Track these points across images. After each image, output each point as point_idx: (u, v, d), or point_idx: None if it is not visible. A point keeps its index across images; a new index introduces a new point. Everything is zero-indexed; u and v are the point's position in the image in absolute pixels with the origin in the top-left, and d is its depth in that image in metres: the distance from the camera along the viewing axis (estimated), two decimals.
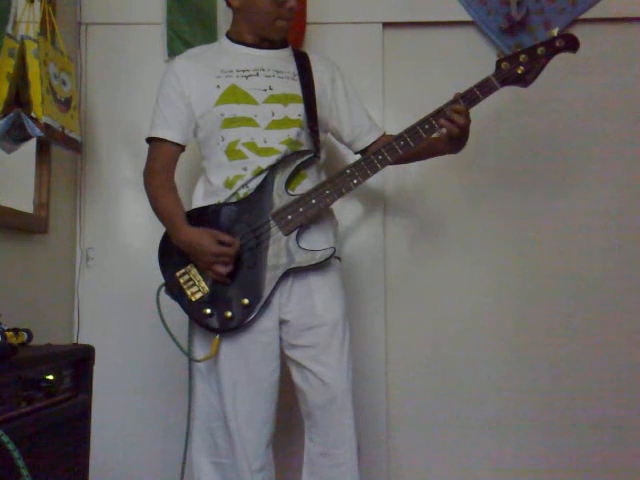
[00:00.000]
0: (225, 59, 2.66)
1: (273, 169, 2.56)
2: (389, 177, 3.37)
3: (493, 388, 3.40)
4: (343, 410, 2.54)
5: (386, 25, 3.43)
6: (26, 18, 2.85)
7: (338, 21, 3.42)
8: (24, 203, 2.92)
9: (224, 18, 3.39)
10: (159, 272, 2.68)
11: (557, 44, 2.56)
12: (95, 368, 2.26)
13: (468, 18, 3.42)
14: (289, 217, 2.51)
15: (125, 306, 3.40)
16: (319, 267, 2.56)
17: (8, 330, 2.09)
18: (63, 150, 3.03)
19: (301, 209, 2.51)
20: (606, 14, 3.36)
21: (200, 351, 2.60)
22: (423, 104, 2.58)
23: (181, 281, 2.53)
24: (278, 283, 2.52)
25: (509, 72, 2.55)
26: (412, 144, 2.54)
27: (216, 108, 2.59)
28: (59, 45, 2.98)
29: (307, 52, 2.80)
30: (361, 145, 2.80)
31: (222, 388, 2.55)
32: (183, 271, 2.53)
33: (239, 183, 2.57)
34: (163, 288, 2.57)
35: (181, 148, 2.68)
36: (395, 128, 2.65)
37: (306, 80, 2.67)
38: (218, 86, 2.60)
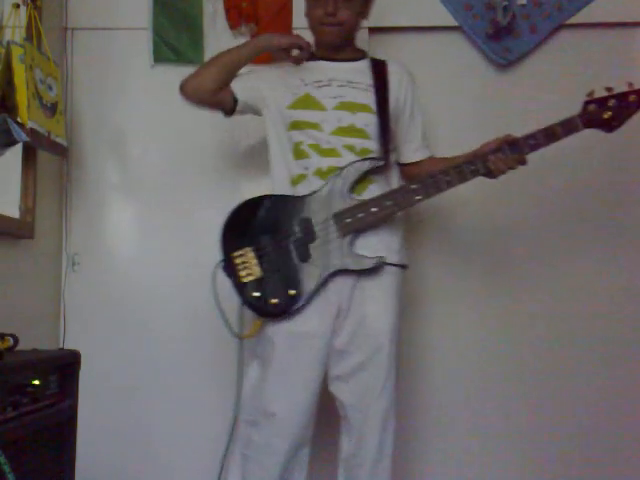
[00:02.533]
0: (304, 72, 2.78)
1: (340, 171, 2.61)
2: None
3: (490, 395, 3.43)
4: (380, 421, 2.63)
5: (372, 30, 3.42)
6: (12, 23, 2.84)
7: None
8: (10, 208, 2.91)
9: (211, 23, 3.40)
10: (145, 277, 2.69)
11: None
12: (81, 373, 2.26)
13: (454, 23, 3.42)
14: (347, 220, 2.56)
15: (111, 311, 3.39)
16: (371, 274, 2.62)
17: None
18: (49, 155, 3.03)
19: (360, 215, 2.56)
20: (592, 19, 3.38)
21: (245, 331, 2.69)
22: None
23: (236, 262, 2.60)
24: (325, 282, 2.58)
25: (595, 115, 2.54)
26: (482, 170, 2.57)
27: (288, 111, 2.71)
28: (45, 50, 2.98)
29: (386, 61, 2.84)
30: (405, 159, 2.85)
31: (269, 372, 2.61)
32: (240, 253, 2.60)
33: (302, 182, 2.67)
34: (220, 267, 2.63)
35: (233, 99, 2.76)
36: None
37: (381, 91, 2.73)
38: (294, 93, 2.73)
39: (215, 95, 2.71)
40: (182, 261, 3.40)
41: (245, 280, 2.58)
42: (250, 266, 2.59)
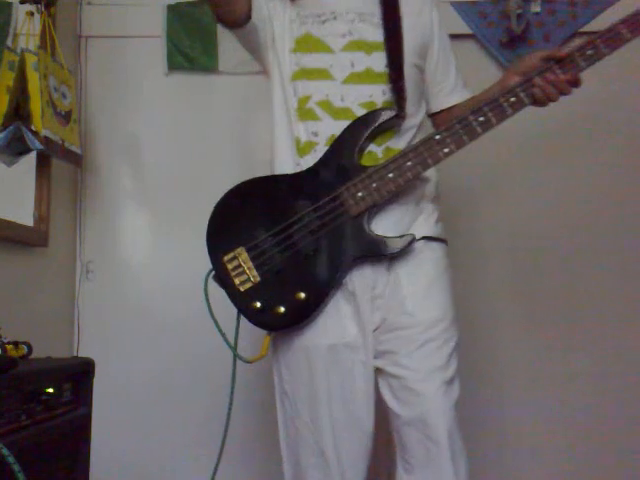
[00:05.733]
0: (299, 6, 2.24)
1: (343, 133, 2.08)
2: None
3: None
4: (439, 439, 2.01)
5: None
6: (26, 31, 2.86)
7: None
8: (24, 216, 2.92)
9: (224, 31, 3.39)
10: (159, 284, 2.67)
11: None
12: (95, 381, 2.25)
13: (468, 31, 3.42)
14: (359, 194, 2.03)
15: (125, 319, 3.40)
16: (401, 256, 2.08)
17: (8, 343, 2.08)
18: (63, 163, 3.04)
19: (374, 185, 2.02)
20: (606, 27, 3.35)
21: (249, 352, 2.23)
22: None
23: (229, 267, 2.10)
24: (343, 275, 2.05)
25: None
26: (526, 101, 2.05)
27: (289, 55, 2.18)
28: (59, 58, 2.99)
29: None
30: (436, 107, 2.33)
31: (307, 404, 2.13)
32: (232, 255, 2.10)
33: (310, 152, 2.14)
34: (212, 275, 2.17)
35: (247, 13, 2.19)
36: None
37: (391, 22, 2.17)
38: (292, 30, 2.19)
39: None
40: (196, 268, 3.38)
41: (242, 289, 2.08)
42: (245, 270, 2.07)
